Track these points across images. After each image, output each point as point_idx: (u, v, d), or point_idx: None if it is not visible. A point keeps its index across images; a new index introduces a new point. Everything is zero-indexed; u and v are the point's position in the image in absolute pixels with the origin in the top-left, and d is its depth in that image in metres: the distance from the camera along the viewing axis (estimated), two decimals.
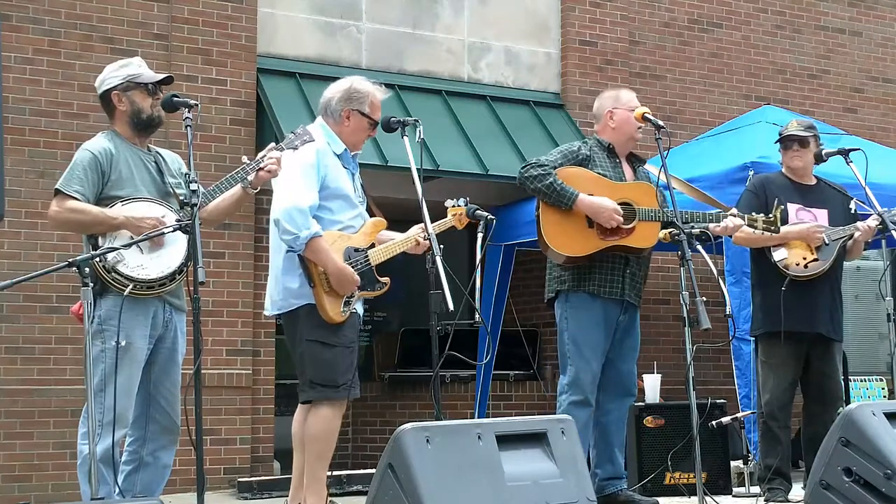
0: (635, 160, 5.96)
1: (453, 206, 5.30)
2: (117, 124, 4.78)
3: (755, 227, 5.77)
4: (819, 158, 6.21)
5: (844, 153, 6.12)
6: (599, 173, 5.72)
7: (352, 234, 5.08)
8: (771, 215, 5.78)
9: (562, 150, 5.82)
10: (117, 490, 4.46)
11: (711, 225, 5.56)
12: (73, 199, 4.53)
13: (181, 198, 4.67)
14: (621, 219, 5.57)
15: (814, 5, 11.02)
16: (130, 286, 4.48)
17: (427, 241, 5.09)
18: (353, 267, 4.98)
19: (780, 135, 6.35)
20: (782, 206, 5.88)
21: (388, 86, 8.66)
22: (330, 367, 4.95)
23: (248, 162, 4.74)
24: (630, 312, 5.79)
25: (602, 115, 5.92)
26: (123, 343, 4.47)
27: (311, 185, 4.93)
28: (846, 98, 11.04)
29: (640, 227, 5.64)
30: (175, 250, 4.60)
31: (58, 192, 4.57)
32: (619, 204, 5.62)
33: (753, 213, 5.81)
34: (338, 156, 5.12)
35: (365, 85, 5.23)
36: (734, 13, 10.58)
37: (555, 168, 5.64)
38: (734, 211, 5.78)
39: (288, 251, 4.92)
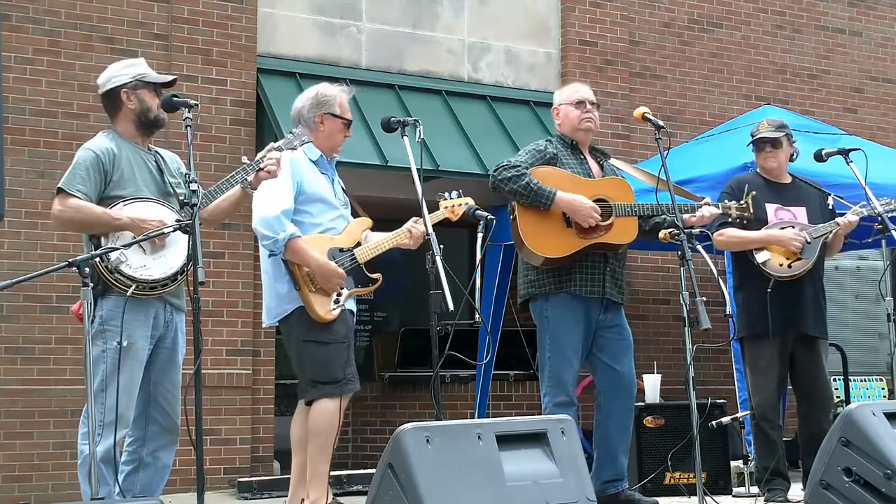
0: (599, 154, 5.94)
1: (446, 199, 5.33)
2: (120, 123, 4.77)
3: (730, 215, 5.81)
4: (819, 158, 6.22)
5: (844, 153, 6.12)
6: (569, 171, 5.70)
7: (335, 236, 5.15)
8: (743, 202, 5.82)
9: (529, 150, 5.74)
10: (117, 490, 4.45)
11: (687, 216, 5.56)
12: (76, 198, 4.52)
13: (181, 197, 4.68)
14: (599, 217, 5.55)
15: (814, 5, 11.02)
16: (133, 287, 4.48)
17: (421, 232, 5.15)
18: (338, 266, 5.06)
19: (751, 136, 6.37)
20: (753, 192, 5.90)
21: (387, 86, 8.81)
22: (327, 364, 5.01)
23: (248, 163, 4.75)
24: (613, 311, 5.72)
25: (553, 113, 5.94)
26: (125, 343, 4.47)
27: (284, 190, 5.03)
28: (846, 98, 11.04)
29: (617, 222, 5.61)
30: (177, 251, 4.60)
31: (60, 191, 4.56)
32: (595, 200, 5.58)
33: (726, 201, 5.85)
34: (314, 162, 5.23)
35: (331, 89, 5.36)
36: (734, 13, 10.59)
37: (528, 168, 5.58)
38: (708, 200, 5.77)
39: (270, 255, 5.04)
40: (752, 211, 5.83)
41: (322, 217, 5.15)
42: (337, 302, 5.04)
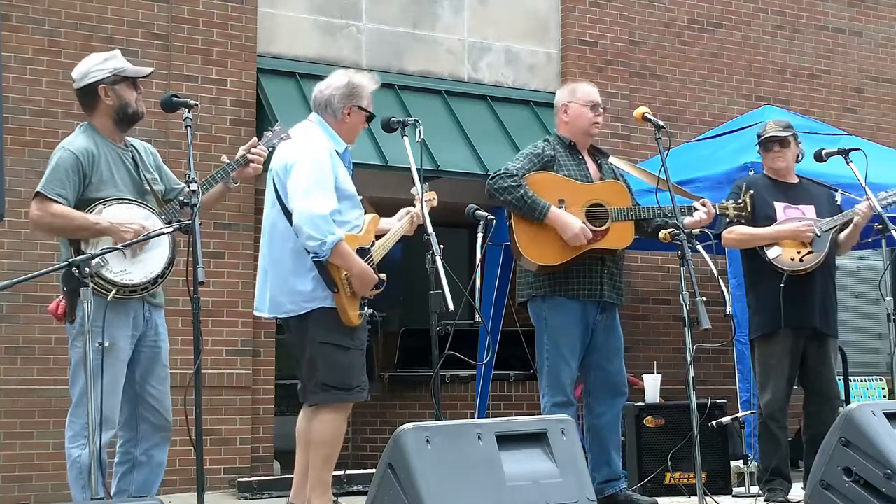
0: (598, 154, 5.92)
1: (425, 192, 5.14)
2: (97, 118, 4.71)
3: (727, 216, 5.80)
4: (819, 158, 6.22)
5: (844, 153, 6.12)
6: (566, 175, 5.68)
7: (358, 234, 5.03)
8: (740, 200, 5.80)
9: (527, 154, 5.73)
10: (107, 490, 4.43)
11: (687, 220, 5.54)
12: (55, 202, 4.47)
13: (172, 195, 4.69)
14: (586, 240, 5.53)
15: (814, 5, 11.02)
16: (114, 291, 4.45)
17: (418, 216, 5.09)
18: None
19: (758, 137, 6.37)
20: (752, 192, 5.89)
21: (387, 86, 8.80)
22: (346, 370, 4.91)
23: (229, 162, 4.75)
24: (608, 312, 5.74)
25: (558, 108, 5.89)
26: (107, 344, 4.43)
27: (329, 188, 4.88)
28: (846, 98, 11.04)
29: (614, 227, 5.62)
30: (158, 255, 4.57)
31: (38, 195, 4.50)
32: (592, 205, 5.60)
33: (723, 202, 5.83)
34: (339, 155, 5.10)
35: (361, 78, 5.21)
36: (734, 13, 10.59)
37: (524, 175, 5.58)
38: (704, 200, 5.75)
39: (313, 257, 4.84)
40: (749, 210, 5.82)
41: (350, 214, 5.01)
42: (363, 306, 4.97)
